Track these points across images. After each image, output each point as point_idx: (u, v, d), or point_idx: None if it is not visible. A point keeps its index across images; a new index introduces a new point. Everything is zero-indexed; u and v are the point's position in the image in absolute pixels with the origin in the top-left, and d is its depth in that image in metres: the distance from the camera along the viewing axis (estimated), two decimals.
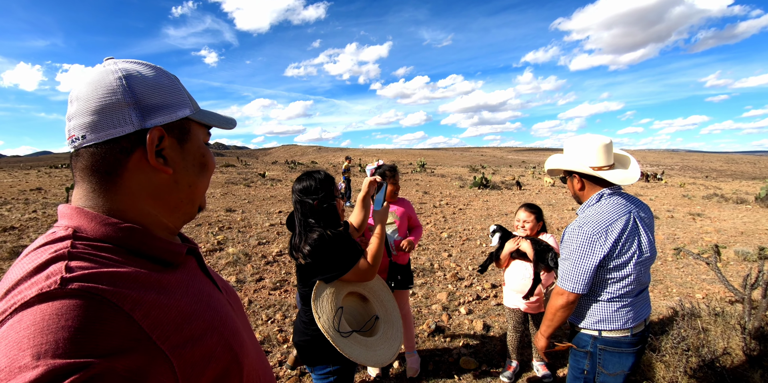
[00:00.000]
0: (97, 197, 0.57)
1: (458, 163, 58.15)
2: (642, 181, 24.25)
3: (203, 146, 0.67)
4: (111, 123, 0.55)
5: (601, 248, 1.53)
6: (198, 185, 0.66)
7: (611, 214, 1.57)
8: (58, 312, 0.42)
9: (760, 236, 7.60)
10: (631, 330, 1.62)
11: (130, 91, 0.57)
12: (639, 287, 1.63)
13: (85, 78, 0.58)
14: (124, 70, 0.58)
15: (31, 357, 0.39)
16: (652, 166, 57.95)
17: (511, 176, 24.08)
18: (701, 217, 9.80)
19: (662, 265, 5.59)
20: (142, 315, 0.48)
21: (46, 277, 0.45)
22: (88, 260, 0.49)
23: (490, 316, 3.78)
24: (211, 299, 0.64)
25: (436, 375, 2.81)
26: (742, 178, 34.76)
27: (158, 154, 0.59)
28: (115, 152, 0.56)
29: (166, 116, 0.60)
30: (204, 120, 0.66)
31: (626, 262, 1.56)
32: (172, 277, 0.59)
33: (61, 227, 0.55)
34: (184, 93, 0.64)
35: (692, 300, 4.02)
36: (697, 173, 45.84)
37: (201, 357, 0.53)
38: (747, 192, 16.62)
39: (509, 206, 11.04)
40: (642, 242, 1.58)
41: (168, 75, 0.64)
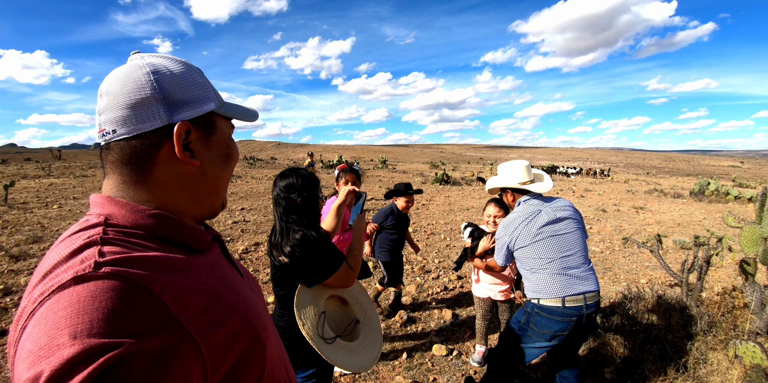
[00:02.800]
0: (127, 188, 0.60)
1: (419, 159, 58.95)
2: (591, 177, 25.71)
3: (228, 138, 0.70)
4: (140, 118, 0.58)
5: (510, 235, 2.16)
6: (223, 177, 0.69)
7: (523, 212, 2.17)
8: (93, 293, 0.44)
9: (694, 226, 8.35)
10: (563, 300, 1.99)
11: (158, 87, 0.59)
12: (558, 262, 2.05)
13: (115, 73, 0.61)
14: (151, 65, 0.60)
15: (69, 335, 0.41)
16: (599, 163, 61.43)
17: (471, 172, 24.78)
18: (644, 210, 10.61)
19: (611, 254, 6.05)
20: (170, 297, 0.50)
21: (80, 261, 0.48)
22: (119, 245, 0.52)
23: (458, 305, 3.96)
24: (235, 283, 0.66)
25: (410, 361, 2.94)
26: (678, 174, 37.63)
27: (185, 147, 0.61)
28: (144, 146, 0.58)
29: (193, 111, 0.62)
30: (228, 113, 0.69)
31: (532, 242, 2.09)
32: (198, 261, 0.61)
33: (93, 215, 0.57)
34: (209, 87, 0.66)
35: (638, 284, 4.39)
36: (639, 170, 49.11)
37: (225, 338, 0.55)
38: (683, 188, 18.08)
39: (470, 202, 11.41)
40: (543, 224, 2.10)
41: (193, 69, 0.66)
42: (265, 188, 13.52)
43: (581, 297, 2.00)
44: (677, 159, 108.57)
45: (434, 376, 2.77)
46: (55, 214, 8.07)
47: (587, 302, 2.01)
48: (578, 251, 2.09)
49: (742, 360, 2.55)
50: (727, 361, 2.67)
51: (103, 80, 0.61)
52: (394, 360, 2.96)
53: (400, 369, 2.84)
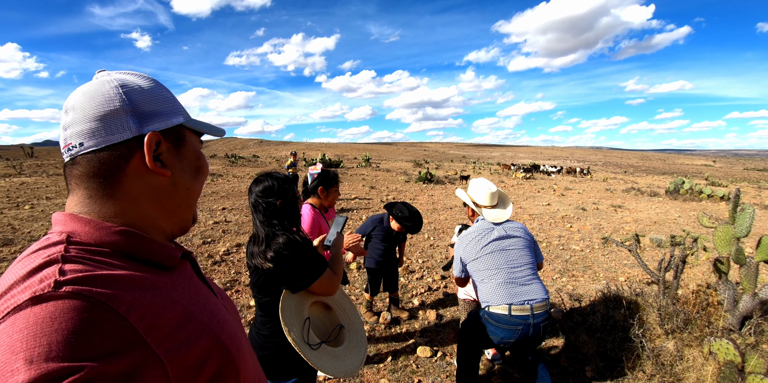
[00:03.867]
0: (93, 203, 0.57)
1: (402, 157, 59.10)
2: (571, 176, 26.20)
3: (198, 151, 0.69)
4: (109, 130, 0.56)
5: (464, 249, 2.35)
6: (194, 188, 0.68)
7: (478, 228, 2.38)
8: (51, 315, 0.42)
9: (670, 224, 8.59)
10: (509, 307, 2.10)
11: (128, 99, 0.58)
12: (507, 271, 2.21)
13: (81, 89, 0.59)
14: (119, 80, 0.60)
15: (24, 360, 0.38)
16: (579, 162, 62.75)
17: (454, 170, 24.96)
18: (622, 209, 10.86)
19: (590, 252, 6.17)
20: (137, 317, 0.48)
21: (39, 280, 0.45)
22: (82, 263, 0.49)
23: (442, 306, 3.98)
24: (207, 302, 0.64)
25: (395, 364, 2.93)
26: (654, 173, 38.72)
27: (156, 158, 0.60)
28: (114, 158, 0.57)
29: (162, 123, 0.62)
30: (197, 127, 0.69)
31: (478, 257, 2.29)
32: (168, 279, 0.59)
33: (55, 233, 0.55)
34: (177, 102, 0.67)
35: (617, 283, 4.49)
36: (617, 168, 50.33)
37: (195, 360, 0.53)
38: (659, 186, 18.60)
39: (454, 200, 11.48)
40: (493, 239, 2.29)
41: (161, 85, 0.66)
42: (247, 186, 13.32)
43: (528, 307, 2.10)
44: (653, 158, 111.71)
45: (419, 378, 2.77)
46: (27, 215, 7.78)
47: (534, 311, 2.11)
48: (525, 265, 2.25)
49: (716, 357, 2.63)
50: (702, 358, 2.75)
51: (69, 97, 0.60)
52: (378, 363, 2.95)
53: (385, 372, 2.83)
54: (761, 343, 2.88)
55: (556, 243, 6.70)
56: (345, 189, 13.47)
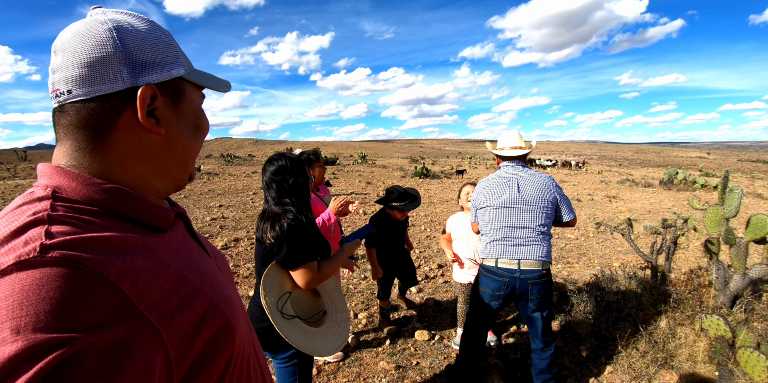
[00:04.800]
0: (81, 156, 0.53)
1: (398, 154, 59.10)
2: (567, 169, 26.34)
3: (198, 107, 0.64)
4: (100, 78, 0.51)
5: (476, 195, 2.41)
6: (191, 148, 0.63)
7: (495, 178, 2.36)
8: (39, 282, 0.39)
9: (664, 213, 8.68)
10: (497, 260, 2.23)
11: (122, 45, 0.52)
12: (505, 230, 2.25)
13: (72, 27, 0.53)
14: (114, 21, 0.53)
15: (10, 330, 0.36)
16: (575, 156, 62.98)
17: (450, 166, 25.02)
18: (616, 199, 10.96)
19: (585, 241, 6.24)
20: (128, 284, 0.45)
21: (24, 242, 0.42)
22: (69, 224, 0.46)
23: (439, 293, 4.03)
24: (201, 264, 0.61)
25: (393, 347, 2.98)
26: (649, 165, 38.93)
27: (150, 114, 0.55)
28: (104, 110, 0.52)
29: (160, 74, 0.56)
30: (199, 81, 0.63)
31: (486, 206, 2.33)
32: (160, 241, 0.55)
33: (40, 187, 0.51)
34: (178, 50, 0.60)
35: (611, 268, 4.55)
36: (612, 161, 50.56)
37: (190, 325, 0.51)
38: (653, 178, 18.74)
39: (449, 194, 11.54)
40: (503, 195, 2.27)
41: (161, 29, 0.59)
42: (243, 185, 13.33)
43: (515, 261, 2.19)
44: (648, 151, 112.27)
45: (417, 360, 2.81)
46: None
47: (521, 267, 2.19)
48: (526, 226, 2.23)
49: (707, 333, 2.69)
50: (693, 335, 2.81)
51: (59, 35, 0.53)
52: (377, 347, 2.99)
53: (384, 355, 2.88)
54: (751, 320, 2.94)
55: (551, 232, 6.78)
56: (342, 185, 13.51)
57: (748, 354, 2.30)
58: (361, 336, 3.16)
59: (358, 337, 3.12)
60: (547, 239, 2.28)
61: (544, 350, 2.31)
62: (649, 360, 2.66)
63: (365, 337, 3.14)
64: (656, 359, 2.65)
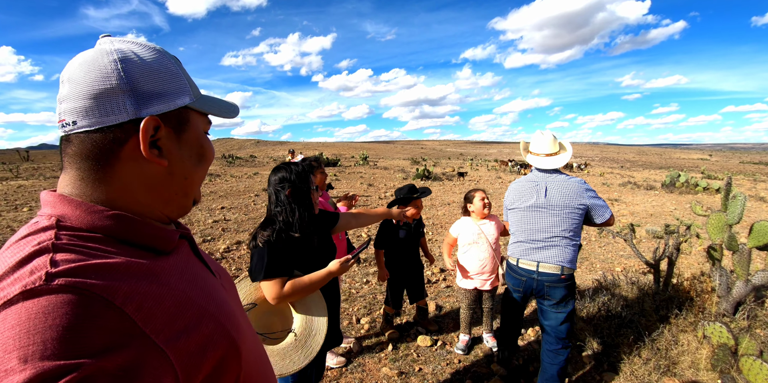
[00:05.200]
0: (84, 185, 0.54)
1: (400, 156, 59.11)
2: (568, 171, 26.30)
3: (202, 136, 0.64)
4: (104, 110, 0.52)
5: (507, 195, 2.55)
6: (194, 177, 0.63)
7: (525, 180, 2.45)
8: (45, 310, 0.40)
9: (666, 216, 8.67)
10: (518, 260, 2.38)
11: (126, 77, 0.53)
12: (528, 232, 2.36)
13: (79, 58, 0.54)
14: (120, 52, 0.54)
15: (18, 359, 0.37)
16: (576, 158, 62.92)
17: (451, 167, 25.02)
18: (618, 202, 10.94)
19: (587, 245, 6.22)
20: (134, 308, 0.45)
21: (30, 272, 0.43)
22: (74, 252, 0.47)
23: (441, 297, 4.03)
24: (206, 284, 0.61)
25: (396, 353, 2.98)
26: (651, 167, 38.87)
27: (153, 144, 0.55)
28: (107, 141, 0.52)
29: (164, 105, 0.56)
30: (204, 109, 0.63)
31: (514, 207, 2.46)
32: (165, 263, 0.56)
33: (44, 217, 0.52)
34: (183, 79, 0.60)
35: (613, 272, 4.55)
36: (614, 163, 50.48)
37: (197, 346, 0.51)
38: (655, 180, 18.70)
39: (451, 196, 11.54)
40: (531, 198, 2.36)
41: (168, 58, 0.59)
42: (245, 186, 13.36)
43: (534, 263, 2.31)
44: (650, 153, 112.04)
45: (420, 366, 2.82)
46: (26, 217, 7.80)
47: (539, 269, 2.29)
48: (548, 230, 2.30)
49: (710, 340, 2.69)
50: (696, 342, 2.81)
51: (67, 65, 0.55)
52: (380, 352, 3.00)
53: (386, 361, 2.88)
54: (754, 327, 2.94)
55: None
56: (343, 187, 13.52)
57: (751, 362, 2.30)
58: (363, 341, 3.16)
59: (360, 342, 3.12)
60: (572, 244, 2.29)
61: (559, 351, 2.35)
62: (651, 367, 2.66)
63: (367, 342, 3.15)
64: (659, 366, 2.65)
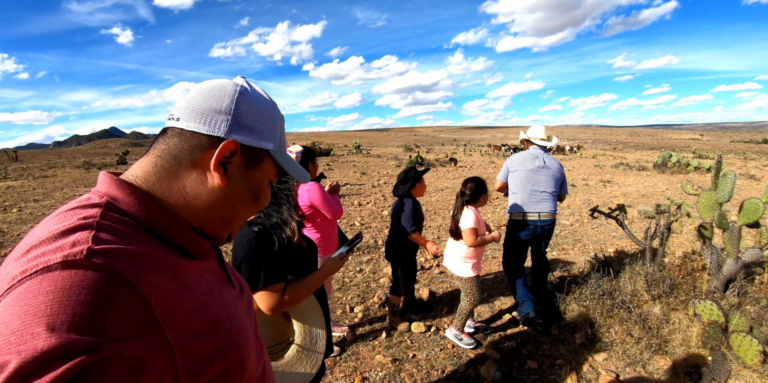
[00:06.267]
0: (153, 172, 0.59)
1: (393, 143, 58.84)
2: (561, 154, 26.35)
3: (265, 181, 0.69)
4: (204, 120, 0.60)
5: (511, 161, 3.38)
6: (240, 211, 0.67)
7: (528, 153, 3.35)
8: (80, 284, 0.41)
9: (658, 196, 8.72)
10: (524, 215, 3.18)
11: (236, 104, 0.61)
12: (526, 189, 3.20)
13: (218, 81, 0.65)
14: (243, 88, 0.63)
15: (45, 325, 0.37)
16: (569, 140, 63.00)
17: (444, 154, 24.95)
18: (611, 183, 10.98)
19: (580, 226, 6.25)
20: (157, 300, 0.47)
21: (72, 244, 0.45)
22: (114, 234, 0.49)
23: (435, 284, 4.03)
24: (222, 294, 0.64)
25: (389, 340, 2.98)
26: (643, 149, 39.02)
27: (222, 164, 0.61)
28: (192, 144, 0.59)
29: (250, 138, 0.63)
30: (280, 162, 0.69)
31: (517, 169, 3.29)
32: (190, 265, 0.59)
33: (96, 194, 0.55)
34: (278, 130, 0.68)
35: (605, 253, 4.57)
36: (606, 145, 50.63)
37: (204, 352, 0.52)
38: (647, 161, 18.77)
39: (444, 182, 11.51)
40: (534, 163, 3.23)
41: (275, 110, 0.68)
42: None
43: (536, 215, 3.17)
44: (642, 134, 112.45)
45: (414, 353, 2.82)
46: (15, 218, 7.68)
47: (541, 218, 3.17)
48: (544, 189, 3.18)
49: (700, 318, 2.71)
50: (687, 320, 2.83)
51: (206, 80, 0.66)
52: (373, 340, 2.99)
53: (380, 348, 2.88)
54: (744, 304, 2.96)
55: None
56: (336, 176, 13.45)
57: (741, 339, 2.31)
58: (357, 329, 3.16)
59: (354, 331, 3.11)
60: (555, 199, 3.26)
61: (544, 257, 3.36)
62: (643, 346, 2.68)
63: (361, 330, 3.14)
64: (650, 345, 2.67)
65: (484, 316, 3.35)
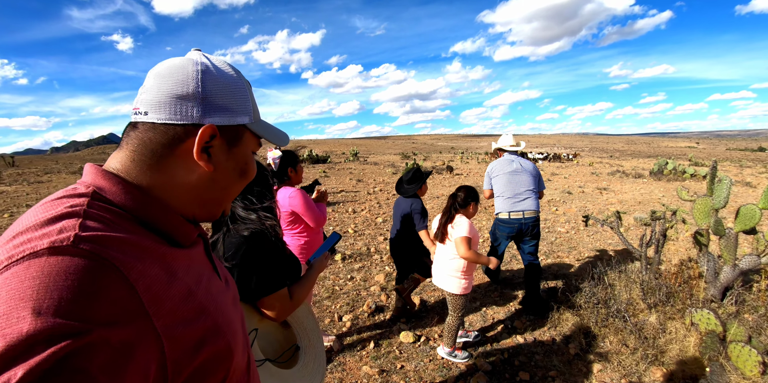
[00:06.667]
0: (133, 166, 0.57)
1: (391, 151, 58.90)
2: (557, 162, 26.40)
3: (249, 155, 0.69)
4: (174, 110, 0.57)
5: (491, 169, 3.65)
6: (231, 189, 0.67)
7: (504, 160, 3.64)
8: (67, 269, 0.41)
9: (654, 204, 8.66)
10: (509, 213, 3.45)
11: (202, 87, 0.59)
12: (510, 191, 3.47)
13: (171, 61, 0.61)
14: (204, 64, 0.60)
15: (32, 310, 0.37)
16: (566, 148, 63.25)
17: (442, 161, 24.94)
18: (607, 191, 10.93)
19: (576, 234, 6.18)
20: (144, 287, 0.47)
21: (58, 230, 0.44)
22: (102, 222, 0.49)
23: (426, 292, 3.93)
24: (210, 284, 0.63)
25: (378, 350, 2.88)
26: (639, 156, 39.16)
27: (205, 150, 0.60)
28: (168, 137, 0.57)
29: (225, 118, 0.61)
30: (259, 132, 0.68)
31: (498, 175, 3.56)
32: (177, 254, 0.58)
33: (82, 185, 0.54)
34: (249, 102, 0.66)
35: (601, 261, 4.49)
36: (603, 153, 50.84)
37: (192, 340, 0.52)
38: (643, 168, 18.79)
39: (440, 190, 11.45)
40: (511, 166, 3.53)
41: (242, 81, 0.66)
42: None
43: (520, 213, 3.43)
44: (638, 142, 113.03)
45: (402, 363, 2.72)
46: (6, 223, 7.59)
47: (525, 216, 3.43)
48: (526, 189, 3.46)
49: (698, 327, 2.62)
50: (684, 329, 2.74)
51: (158, 64, 0.62)
52: (361, 350, 2.89)
53: (368, 359, 2.78)
54: (742, 313, 2.88)
55: (542, 226, 6.70)
56: (332, 183, 13.37)
57: (740, 349, 2.23)
58: (344, 339, 3.06)
59: (341, 341, 3.02)
60: (537, 196, 3.53)
61: (535, 261, 3.53)
62: (639, 356, 2.59)
63: (349, 340, 3.04)
64: (646, 355, 2.58)
65: (476, 325, 3.26)
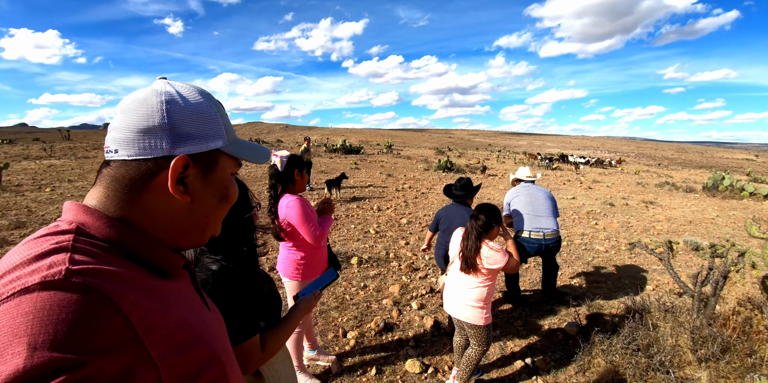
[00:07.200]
0: (109, 202, 0.56)
1: (426, 144, 58.11)
2: (599, 168, 25.07)
3: (228, 178, 0.66)
4: (142, 145, 0.56)
5: (508, 195, 3.92)
6: (213, 216, 0.66)
7: (519, 187, 3.88)
8: (60, 303, 0.41)
9: (707, 225, 7.89)
10: (530, 233, 3.57)
11: (168, 118, 0.57)
12: (529, 209, 3.63)
13: (135, 94, 0.59)
14: (168, 94, 0.58)
15: (26, 345, 0.37)
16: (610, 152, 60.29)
17: (476, 159, 24.23)
18: (653, 205, 10.12)
19: (616, 254, 5.64)
20: (138, 317, 0.47)
21: (48, 266, 0.44)
22: (90, 255, 0.49)
23: (442, 312, 3.61)
24: (201, 313, 0.63)
25: (379, 378, 2.62)
26: (690, 166, 36.68)
27: (180, 181, 0.58)
28: (140, 172, 0.57)
29: (196, 146, 0.60)
30: (235, 153, 0.65)
31: (516, 197, 3.78)
32: (166, 285, 0.58)
33: (64, 222, 0.54)
34: (221, 123, 0.63)
35: (643, 293, 4.01)
36: (651, 160, 48.04)
37: (189, 368, 0.51)
38: (695, 181, 17.44)
39: None
40: (524, 198, 3.72)
41: (212, 103, 0.63)
42: (263, 171, 13.21)
43: (541, 233, 3.55)
44: (690, 150, 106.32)
45: None
46: (46, 197, 7.87)
47: (545, 236, 3.55)
48: (544, 209, 3.63)
49: None
50: None
51: (124, 98, 0.61)
52: (361, 376, 2.64)
53: None
54: None
55: (579, 242, 6.18)
56: (361, 176, 13.18)
57: None
58: (345, 360, 2.81)
59: (341, 362, 2.77)
60: (555, 218, 3.66)
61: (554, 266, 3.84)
62: None
63: (350, 361, 2.79)
64: None
65: (492, 358, 2.93)
